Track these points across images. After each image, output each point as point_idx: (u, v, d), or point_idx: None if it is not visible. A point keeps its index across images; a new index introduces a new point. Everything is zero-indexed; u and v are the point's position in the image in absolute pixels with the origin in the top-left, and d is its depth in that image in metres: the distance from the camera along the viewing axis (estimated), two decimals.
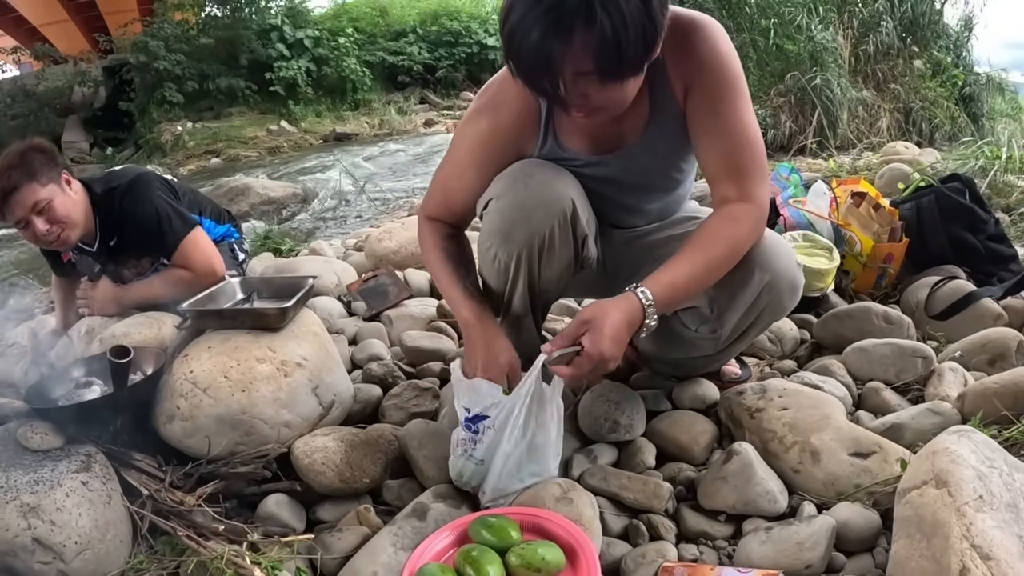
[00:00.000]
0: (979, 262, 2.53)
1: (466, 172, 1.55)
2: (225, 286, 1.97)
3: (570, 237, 1.49)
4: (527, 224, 1.45)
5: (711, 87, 1.40)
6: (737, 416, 1.64)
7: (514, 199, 1.45)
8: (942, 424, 1.51)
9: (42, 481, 1.36)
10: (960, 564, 1.00)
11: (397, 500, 1.55)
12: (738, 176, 1.43)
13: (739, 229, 1.42)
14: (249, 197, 7.28)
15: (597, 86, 1.21)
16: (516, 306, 1.59)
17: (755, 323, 1.57)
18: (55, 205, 2.09)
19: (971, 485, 1.09)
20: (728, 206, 1.43)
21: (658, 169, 1.57)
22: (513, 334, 1.64)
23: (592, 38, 1.11)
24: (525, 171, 1.47)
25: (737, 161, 1.43)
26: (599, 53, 1.13)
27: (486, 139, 1.51)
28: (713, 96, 1.40)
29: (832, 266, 2.31)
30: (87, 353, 1.92)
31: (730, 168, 1.43)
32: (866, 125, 7.04)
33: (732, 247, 1.42)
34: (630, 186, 1.58)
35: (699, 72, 1.40)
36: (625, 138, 1.50)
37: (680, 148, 1.54)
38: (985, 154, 4.20)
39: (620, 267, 1.70)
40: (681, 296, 1.40)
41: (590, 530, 1.32)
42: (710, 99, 1.41)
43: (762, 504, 1.40)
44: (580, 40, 1.12)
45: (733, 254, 1.42)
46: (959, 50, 8.14)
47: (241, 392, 1.56)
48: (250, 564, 1.21)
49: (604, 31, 1.10)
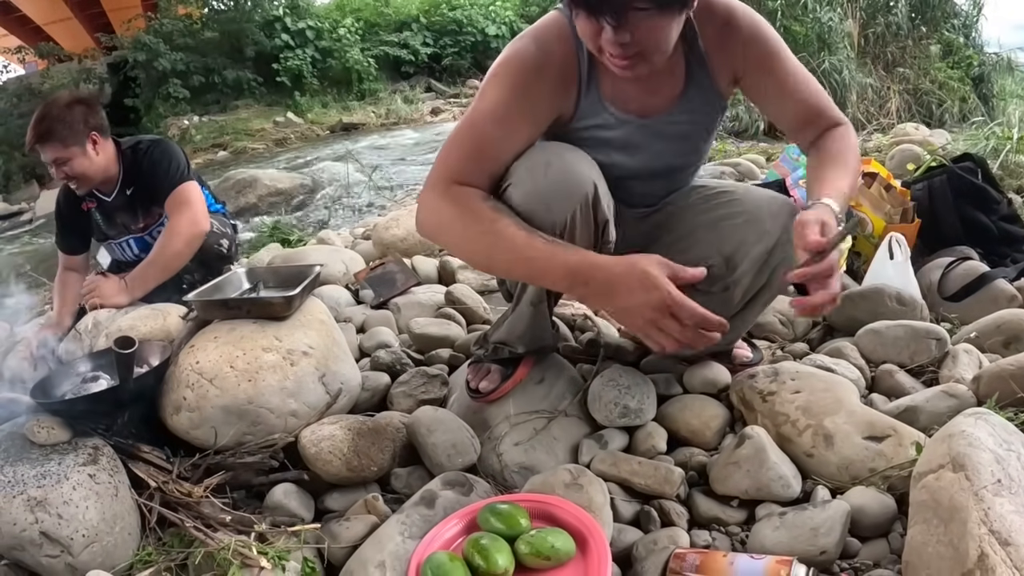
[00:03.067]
0: (992, 243, 2.50)
1: (511, 119, 1.41)
2: (231, 276, 1.96)
3: (591, 222, 1.42)
4: (548, 213, 1.35)
5: (763, 58, 1.49)
6: (749, 400, 1.63)
7: (533, 188, 1.36)
8: (957, 407, 1.49)
9: (49, 475, 1.35)
10: (978, 550, 0.98)
11: (405, 488, 1.54)
12: (819, 115, 1.53)
13: (852, 142, 1.51)
14: (257, 189, 7.30)
15: (646, 18, 1.23)
16: (532, 292, 1.57)
17: (768, 282, 1.56)
18: (72, 164, 2.36)
19: (989, 469, 1.07)
20: (832, 130, 1.53)
21: (682, 144, 1.60)
22: (526, 319, 1.63)
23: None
24: (544, 158, 1.39)
25: (812, 105, 1.53)
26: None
27: (532, 80, 1.41)
28: (767, 64, 1.50)
29: (844, 247, 2.29)
30: (94, 348, 1.92)
31: (810, 113, 1.53)
32: (875, 107, 7.00)
33: (857, 160, 1.51)
34: (654, 154, 1.56)
35: (748, 52, 1.48)
36: (658, 105, 1.52)
37: (706, 128, 1.60)
38: (996, 135, 4.16)
39: (632, 243, 1.68)
40: (845, 201, 1.40)
41: (600, 517, 1.31)
42: (766, 68, 1.50)
43: (775, 489, 1.38)
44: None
45: (858, 167, 1.52)
46: (968, 31, 8.08)
47: (247, 382, 1.55)
48: (257, 555, 1.20)
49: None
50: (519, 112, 1.41)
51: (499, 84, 1.42)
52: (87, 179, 2.41)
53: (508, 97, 1.41)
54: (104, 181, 2.46)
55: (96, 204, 2.54)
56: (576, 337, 2.13)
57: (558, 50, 1.43)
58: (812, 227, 1.24)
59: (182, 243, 2.34)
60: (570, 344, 2.04)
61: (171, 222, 2.36)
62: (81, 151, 2.36)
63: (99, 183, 2.46)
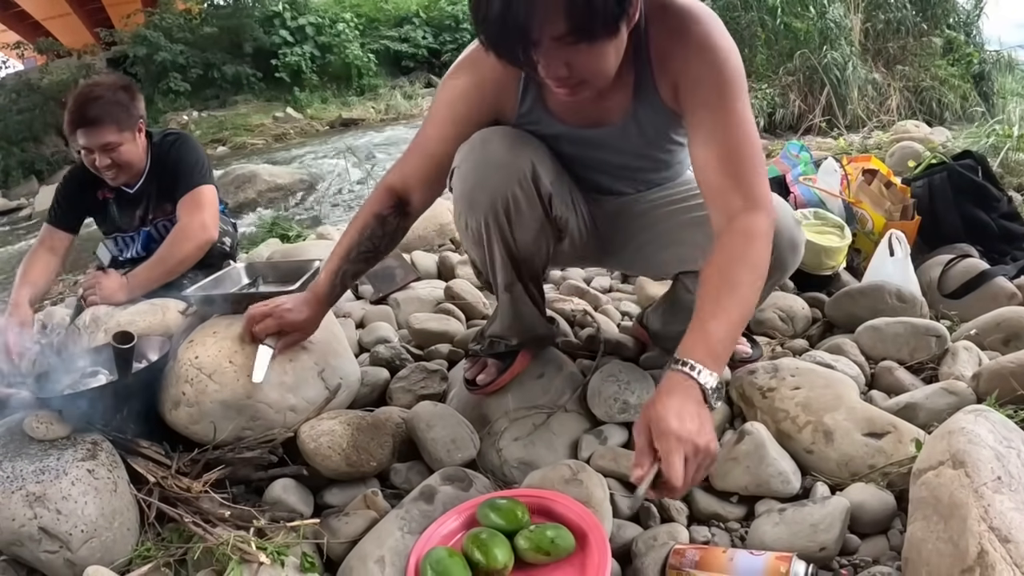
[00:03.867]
0: (992, 240, 2.50)
1: (445, 127, 1.49)
2: (230, 271, 1.96)
3: (535, 196, 1.46)
4: (488, 186, 1.43)
5: (707, 87, 1.31)
6: (749, 396, 1.62)
7: (473, 163, 1.43)
8: (957, 404, 1.48)
9: (48, 470, 1.35)
10: (978, 547, 0.97)
11: (405, 483, 1.54)
12: (741, 182, 1.28)
13: (758, 246, 1.25)
14: (256, 184, 7.29)
15: (575, 51, 1.16)
16: (501, 275, 1.58)
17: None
18: (122, 150, 2.27)
19: (989, 466, 1.07)
20: (738, 220, 1.26)
21: (644, 148, 1.53)
22: (506, 306, 1.65)
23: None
24: (484, 136, 1.44)
25: (739, 167, 1.29)
26: (568, 8, 1.09)
27: (467, 92, 1.47)
28: (710, 97, 1.31)
29: (844, 244, 2.29)
30: (93, 343, 1.91)
31: (733, 175, 1.29)
32: (876, 104, 6.99)
33: (756, 269, 1.24)
34: (616, 159, 1.55)
35: (692, 69, 1.31)
36: (609, 116, 1.46)
37: (667, 128, 1.49)
38: (996, 133, 4.15)
39: (614, 233, 1.68)
40: (727, 343, 1.20)
41: (600, 512, 1.31)
42: (706, 100, 1.31)
43: (775, 485, 1.38)
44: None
45: (759, 276, 1.24)
46: (969, 28, 8.07)
47: (247, 377, 1.54)
48: (256, 550, 1.20)
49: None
50: (454, 120, 1.48)
51: (445, 88, 1.50)
52: (130, 169, 2.33)
53: (453, 98, 1.48)
54: (135, 173, 2.39)
55: (115, 195, 2.46)
56: (576, 333, 2.12)
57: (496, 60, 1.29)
58: (640, 437, 1.11)
59: (191, 247, 2.26)
60: (570, 340, 2.04)
61: (181, 223, 2.28)
62: (132, 138, 2.28)
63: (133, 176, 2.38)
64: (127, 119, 2.25)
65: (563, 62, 1.19)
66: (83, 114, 2.20)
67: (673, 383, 1.13)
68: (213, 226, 2.31)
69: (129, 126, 2.26)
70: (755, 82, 7.62)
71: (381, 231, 1.54)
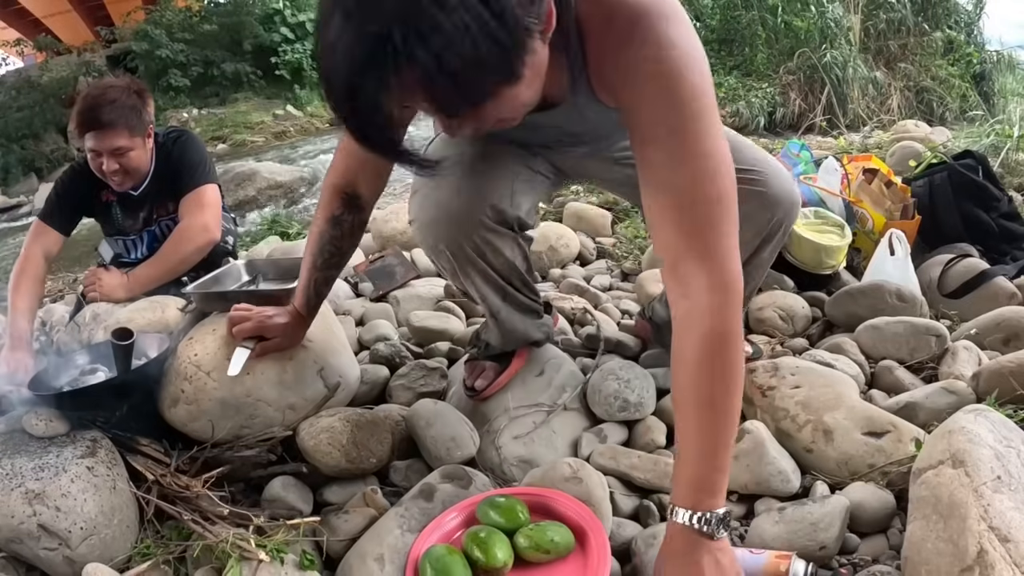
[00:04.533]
0: (992, 240, 2.50)
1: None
2: (230, 268, 1.96)
3: (503, 228, 1.43)
4: (450, 237, 1.41)
5: (655, 119, 1.06)
6: (749, 395, 1.62)
7: (429, 219, 1.41)
8: (957, 403, 1.48)
9: (47, 467, 1.35)
10: (978, 546, 0.98)
11: (404, 481, 1.53)
12: (696, 242, 1.05)
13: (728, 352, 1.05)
14: (256, 182, 7.28)
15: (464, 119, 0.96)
16: (488, 302, 1.56)
17: (760, 248, 1.54)
18: (131, 156, 2.24)
19: (989, 465, 1.07)
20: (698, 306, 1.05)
21: (596, 127, 1.34)
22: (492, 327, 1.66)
23: (414, 71, 0.84)
24: (434, 183, 1.39)
25: (696, 224, 1.05)
26: (427, 89, 0.87)
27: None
28: (658, 131, 1.06)
29: (844, 243, 2.29)
30: (92, 340, 1.91)
31: (689, 234, 1.06)
32: (876, 103, 6.99)
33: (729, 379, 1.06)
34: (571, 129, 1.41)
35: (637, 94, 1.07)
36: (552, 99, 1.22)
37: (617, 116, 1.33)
38: (996, 133, 4.15)
39: (583, 174, 1.65)
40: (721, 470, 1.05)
41: (600, 511, 1.30)
42: (654, 135, 1.06)
43: (774, 484, 1.38)
44: (398, 77, 0.85)
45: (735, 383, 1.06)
46: (970, 28, 8.08)
47: (245, 374, 1.54)
48: (255, 548, 1.20)
49: (425, 64, 0.83)
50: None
51: None
52: (137, 174, 2.30)
53: None
54: (140, 177, 2.35)
55: (118, 198, 2.43)
56: (576, 331, 2.12)
57: None
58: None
59: (192, 248, 2.27)
60: (570, 338, 2.04)
61: (184, 223, 2.28)
62: (141, 143, 2.26)
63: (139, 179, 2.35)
64: (139, 124, 2.23)
65: (458, 129, 0.99)
66: (95, 117, 2.17)
67: (675, 540, 1.06)
68: (215, 227, 2.30)
69: (140, 131, 2.24)
70: (755, 81, 7.62)
71: (339, 232, 1.49)
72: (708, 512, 1.02)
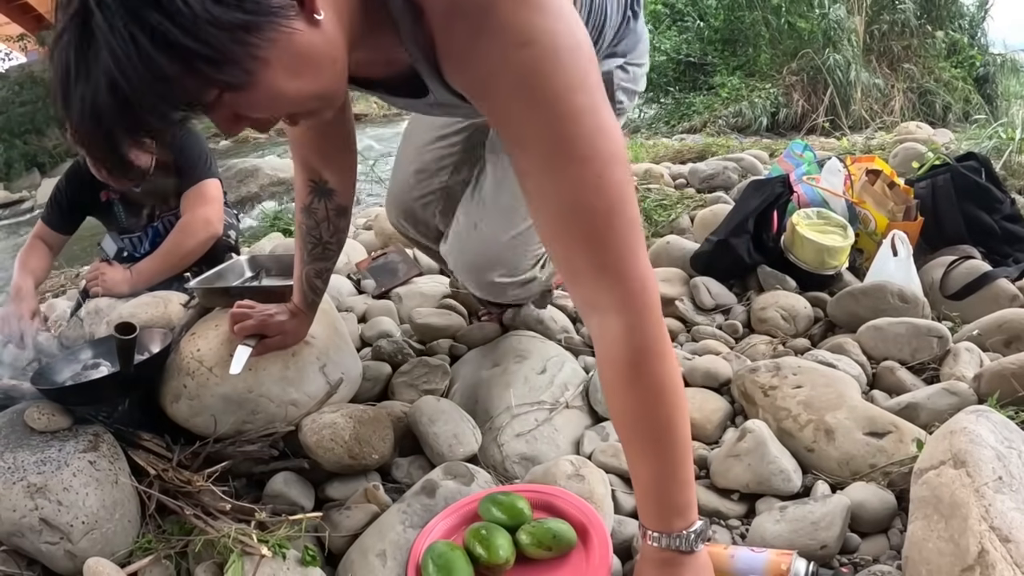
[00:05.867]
0: (994, 242, 2.50)
1: None
2: (233, 264, 1.96)
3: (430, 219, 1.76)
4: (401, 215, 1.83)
5: (517, 112, 0.89)
6: (750, 394, 1.63)
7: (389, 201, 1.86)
8: (958, 404, 1.48)
9: (49, 461, 1.35)
10: (979, 546, 0.98)
11: (406, 478, 1.54)
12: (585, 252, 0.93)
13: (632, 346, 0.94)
14: (258, 178, 7.27)
15: (226, 106, 0.85)
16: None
17: None
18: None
19: (990, 465, 1.07)
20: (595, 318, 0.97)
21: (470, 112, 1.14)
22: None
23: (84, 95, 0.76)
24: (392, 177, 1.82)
25: (581, 230, 0.92)
26: (79, 121, 0.79)
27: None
28: (523, 124, 0.90)
29: (846, 244, 2.29)
30: (95, 335, 1.92)
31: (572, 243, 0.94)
32: (879, 105, 6.99)
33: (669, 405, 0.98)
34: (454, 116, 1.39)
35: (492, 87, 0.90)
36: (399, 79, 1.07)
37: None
38: (999, 135, 4.15)
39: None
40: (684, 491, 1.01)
41: (602, 508, 1.31)
42: (519, 127, 0.91)
43: (776, 483, 1.39)
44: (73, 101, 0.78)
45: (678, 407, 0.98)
46: (974, 30, 8.08)
47: (248, 370, 1.54)
48: (257, 543, 1.20)
49: (82, 98, 0.76)
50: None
51: None
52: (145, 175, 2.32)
53: None
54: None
55: (119, 196, 2.45)
56: (578, 329, 2.12)
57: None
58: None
59: (195, 243, 2.28)
60: (571, 336, 2.04)
61: (186, 219, 2.29)
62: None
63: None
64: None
65: (223, 114, 0.86)
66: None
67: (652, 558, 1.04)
68: (217, 221, 2.30)
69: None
70: (759, 81, 7.62)
71: (314, 220, 1.49)
72: (683, 531, 1.01)
